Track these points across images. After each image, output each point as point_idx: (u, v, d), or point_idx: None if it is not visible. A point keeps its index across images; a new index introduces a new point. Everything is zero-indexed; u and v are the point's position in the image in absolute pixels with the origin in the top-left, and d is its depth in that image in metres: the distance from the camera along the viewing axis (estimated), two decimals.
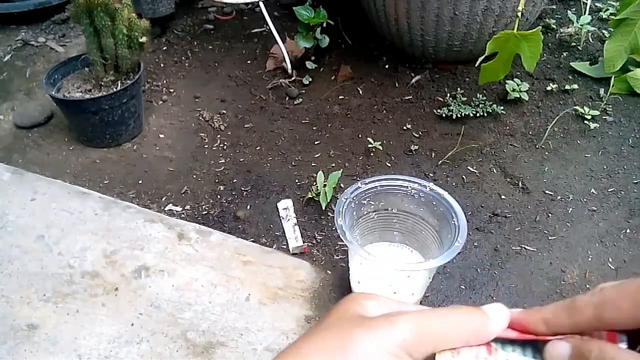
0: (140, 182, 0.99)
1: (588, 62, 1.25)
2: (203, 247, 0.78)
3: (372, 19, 1.28)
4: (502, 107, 1.11)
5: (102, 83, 1.04)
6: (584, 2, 1.42)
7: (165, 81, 1.29)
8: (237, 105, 1.20)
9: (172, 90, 1.26)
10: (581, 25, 1.30)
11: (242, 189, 0.97)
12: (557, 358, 0.25)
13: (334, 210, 0.90)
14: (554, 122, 1.09)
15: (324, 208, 0.89)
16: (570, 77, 1.23)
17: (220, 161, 1.04)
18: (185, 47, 1.43)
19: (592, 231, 0.85)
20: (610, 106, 1.13)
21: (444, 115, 1.11)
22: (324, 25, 1.23)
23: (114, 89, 1.01)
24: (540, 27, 0.82)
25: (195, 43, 1.45)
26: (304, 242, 0.84)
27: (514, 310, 0.26)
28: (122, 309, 0.69)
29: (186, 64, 1.36)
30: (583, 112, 1.10)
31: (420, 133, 1.09)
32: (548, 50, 1.32)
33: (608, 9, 1.44)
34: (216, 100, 1.22)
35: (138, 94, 1.07)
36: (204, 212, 0.92)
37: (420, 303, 0.73)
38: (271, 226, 0.88)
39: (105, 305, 0.70)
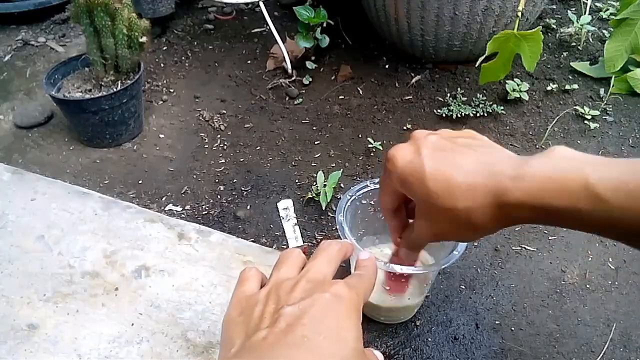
0: (140, 182, 0.99)
1: (588, 62, 1.25)
2: (203, 247, 0.78)
3: (372, 19, 1.28)
4: (502, 107, 1.11)
5: (102, 83, 1.04)
6: (584, 2, 1.42)
7: (165, 81, 1.29)
8: (237, 105, 1.20)
9: (172, 90, 1.26)
10: (581, 25, 1.30)
11: (242, 189, 0.97)
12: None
13: (334, 210, 0.90)
14: (554, 122, 1.09)
15: (324, 208, 0.89)
16: (570, 77, 1.23)
17: (220, 161, 1.04)
18: (185, 47, 1.43)
19: None
20: (610, 106, 1.13)
21: (444, 115, 1.11)
22: (324, 25, 1.23)
23: (114, 89, 1.01)
24: (540, 27, 0.82)
25: (195, 43, 1.45)
26: (304, 242, 0.84)
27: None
28: (122, 309, 0.69)
29: (186, 64, 1.36)
30: (583, 112, 1.10)
31: None
32: (548, 50, 1.32)
33: (608, 9, 1.44)
34: (216, 100, 1.22)
35: (138, 94, 1.07)
36: (204, 212, 0.92)
37: (421, 307, 0.73)
38: (271, 226, 0.88)
39: (105, 305, 0.70)
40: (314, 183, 0.94)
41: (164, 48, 1.43)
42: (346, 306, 0.32)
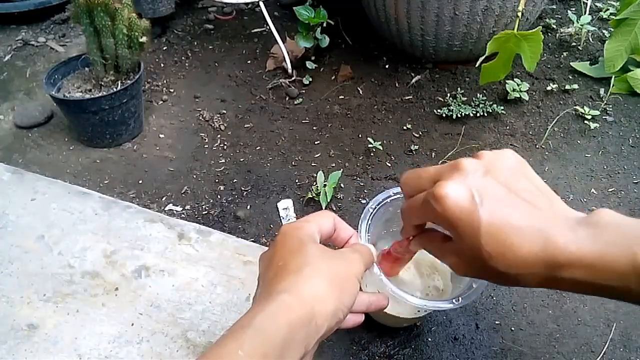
0: (140, 182, 0.99)
1: (588, 62, 1.25)
2: (203, 247, 0.78)
3: (372, 19, 1.28)
4: (502, 107, 1.11)
5: (102, 83, 1.04)
6: (584, 2, 1.42)
7: (165, 81, 1.29)
8: (237, 105, 1.20)
9: (172, 90, 1.26)
10: (581, 25, 1.30)
11: (242, 189, 0.97)
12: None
13: (334, 210, 0.90)
14: (554, 122, 1.09)
15: (324, 208, 0.89)
16: (570, 77, 1.23)
17: (220, 161, 1.04)
18: (185, 47, 1.43)
19: None
20: (610, 106, 1.13)
21: (444, 115, 1.11)
22: (324, 25, 1.23)
23: (114, 89, 1.01)
24: (541, 27, 0.82)
25: (195, 43, 1.45)
26: None
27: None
28: (122, 309, 0.69)
29: (186, 64, 1.36)
30: (583, 112, 1.10)
31: (420, 133, 1.09)
32: (548, 50, 1.32)
33: (608, 9, 1.44)
34: (216, 100, 1.22)
35: (138, 94, 1.07)
36: (204, 212, 0.92)
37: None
38: (271, 226, 0.88)
39: (105, 305, 0.70)
40: (314, 183, 0.94)
41: (164, 48, 1.43)
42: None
